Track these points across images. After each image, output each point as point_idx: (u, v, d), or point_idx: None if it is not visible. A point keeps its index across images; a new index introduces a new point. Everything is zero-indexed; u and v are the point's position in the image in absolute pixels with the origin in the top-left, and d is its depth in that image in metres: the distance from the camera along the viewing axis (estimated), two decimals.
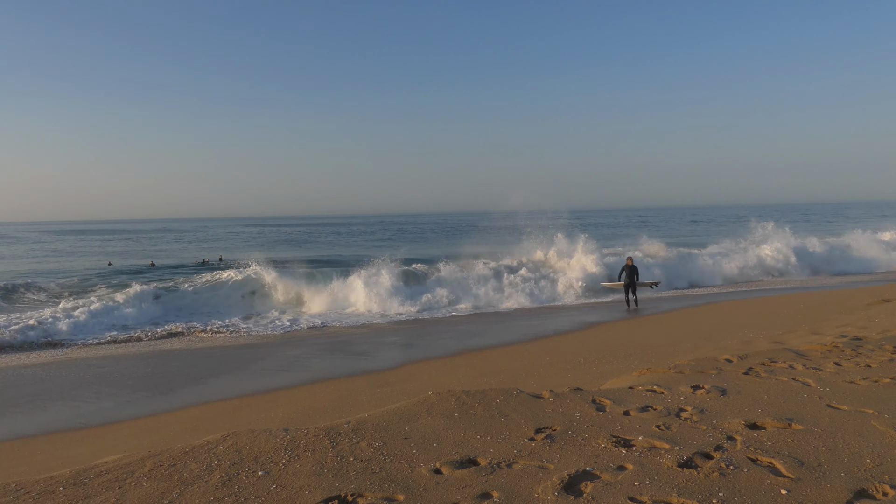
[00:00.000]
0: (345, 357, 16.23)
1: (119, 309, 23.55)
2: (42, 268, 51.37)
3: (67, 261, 58.89)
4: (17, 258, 63.18)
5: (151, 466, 5.55)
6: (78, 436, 10.38)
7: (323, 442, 5.83)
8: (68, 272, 46.95)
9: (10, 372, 16.20)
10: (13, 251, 74.31)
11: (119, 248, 75.88)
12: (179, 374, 14.87)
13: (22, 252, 72.34)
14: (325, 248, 70.10)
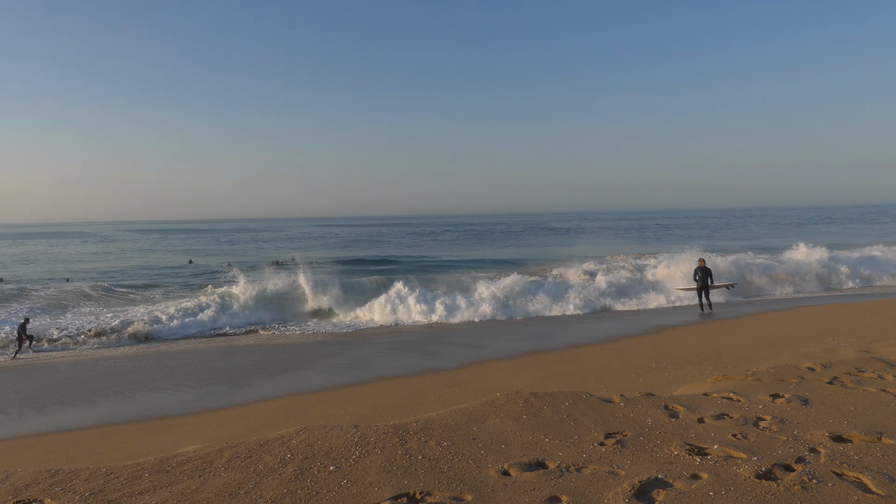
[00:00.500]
0: (413, 356, 16.40)
1: (202, 309, 24.55)
2: (131, 264, 54.21)
3: (154, 257, 61.97)
4: (111, 255, 66.91)
5: (229, 457, 5.77)
6: (161, 425, 10.87)
7: (392, 440, 5.91)
8: (154, 268, 49.40)
9: (100, 363, 17.17)
10: (108, 248, 78.86)
11: (199, 247, 79.24)
12: (254, 370, 15.38)
13: (115, 250, 76.66)
14: (406, 249, 70.92)
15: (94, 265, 53.99)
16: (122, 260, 60.28)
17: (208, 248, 77.09)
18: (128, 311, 24.98)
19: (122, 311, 25.30)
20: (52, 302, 27.13)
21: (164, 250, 73.69)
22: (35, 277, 42.82)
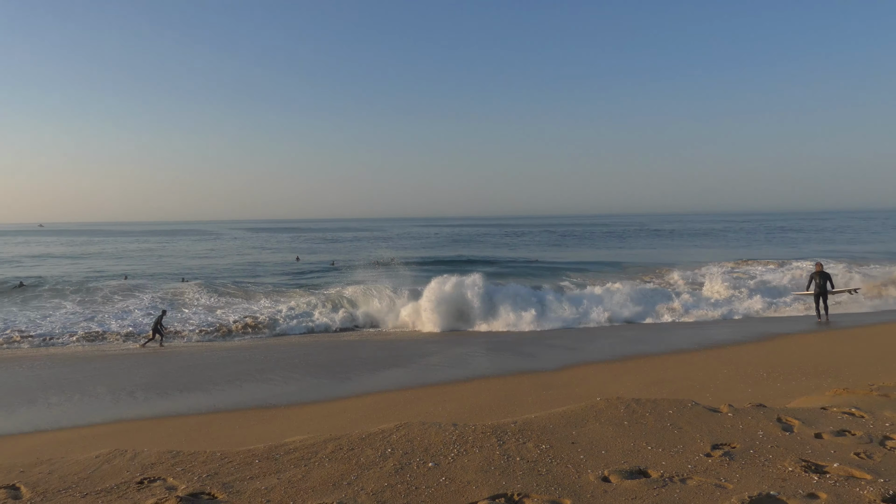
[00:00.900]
0: (510, 357, 16.37)
1: (311, 306, 25.62)
2: (243, 261, 57.28)
3: (264, 255, 65.20)
4: (224, 253, 70.98)
5: (332, 449, 5.98)
6: (269, 414, 11.42)
7: (490, 440, 5.93)
8: (264, 264, 51.93)
9: (214, 354, 18.26)
10: (221, 246, 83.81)
11: (306, 245, 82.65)
12: (356, 365, 15.85)
13: (227, 247, 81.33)
14: (505, 250, 71.05)
15: (209, 262, 57.43)
16: (235, 257, 63.84)
17: (314, 247, 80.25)
18: (240, 306, 26.40)
19: (235, 305, 26.76)
20: (171, 297, 29.07)
21: (272, 248, 77.38)
22: (156, 272, 46.09)
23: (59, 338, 20.92)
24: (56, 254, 71.03)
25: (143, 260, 61.24)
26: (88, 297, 29.25)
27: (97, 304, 27.46)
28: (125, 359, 17.57)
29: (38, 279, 39.60)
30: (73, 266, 54.92)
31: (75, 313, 25.44)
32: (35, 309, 26.88)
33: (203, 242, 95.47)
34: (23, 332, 21.61)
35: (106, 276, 43.57)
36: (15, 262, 59.11)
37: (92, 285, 34.02)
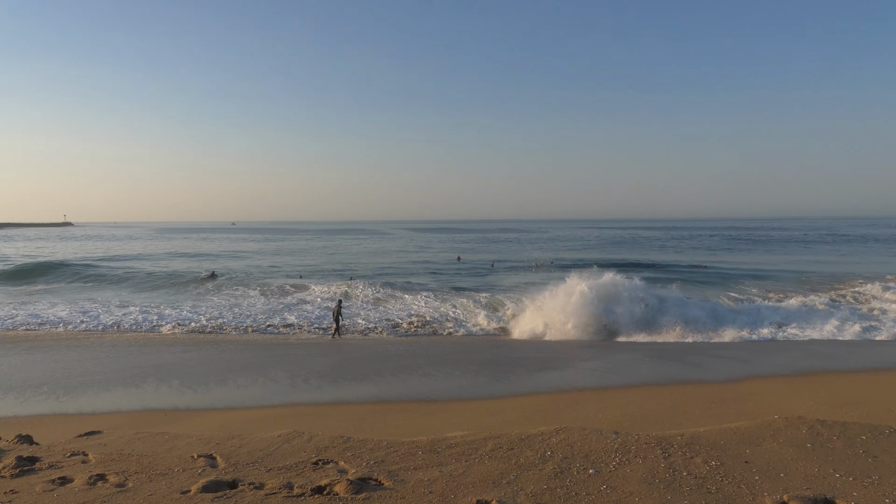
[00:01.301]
0: (673, 366, 15.61)
1: (471, 309, 26.13)
2: (407, 259, 59.79)
3: (427, 254, 67.58)
4: (389, 252, 74.54)
5: (492, 447, 6.07)
6: (430, 408, 11.80)
7: (654, 451, 5.70)
8: (427, 263, 53.82)
9: (381, 348, 19.22)
10: (389, 246, 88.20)
11: (468, 246, 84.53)
12: (514, 365, 15.92)
13: (396, 247, 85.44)
14: (672, 254, 68.12)
15: (376, 260, 60.49)
16: (400, 255, 66.78)
17: (475, 247, 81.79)
18: (403, 303, 27.53)
19: (399, 303, 27.94)
20: (340, 293, 30.98)
21: (436, 248, 79.88)
22: (328, 270, 49.35)
23: (243, 325, 23.07)
24: (245, 249, 78.50)
25: (317, 256, 65.94)
26: (269, 289, 31.96)
27: (276, 296, 29.96)
28: (301, 348, 19.01)
29: (227, 270, 44.08)
30: (258, 260, 60.37)
31: (256, 304, 27.96)
32: (226, 297, 29.92)
33: (371, 241, 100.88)
34: (215, 318, 24.11)
35: (284, 271, 47.48)
36: (210, 255, 66.15)
37: (271, 280, 37.23)
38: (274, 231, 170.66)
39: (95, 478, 5.90)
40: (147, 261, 59.00)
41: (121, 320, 23.81)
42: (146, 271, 45.47)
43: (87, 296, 32.19)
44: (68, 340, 20.17)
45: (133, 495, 5.46)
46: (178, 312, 25.66)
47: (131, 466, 6.22)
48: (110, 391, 13.16)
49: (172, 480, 5.79)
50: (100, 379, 14.18)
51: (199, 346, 19.10)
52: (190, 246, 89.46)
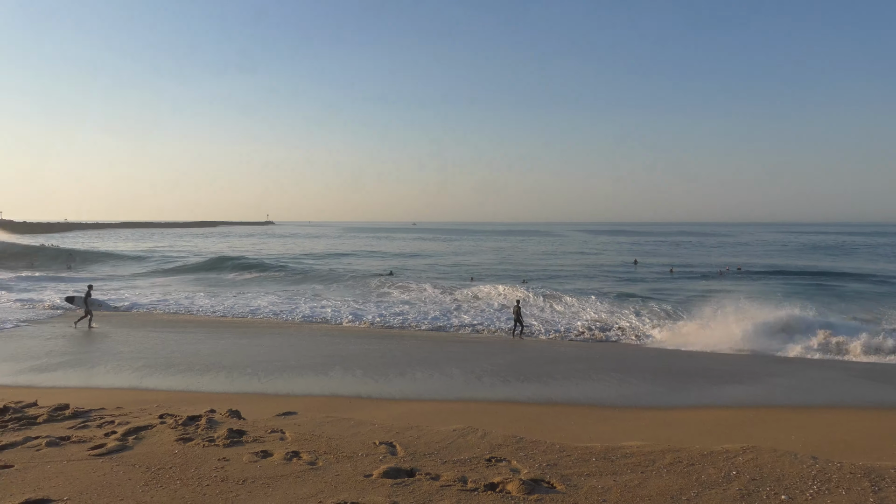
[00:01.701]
0: (880, 387, 13.86)
1: (644, 316, 25.15)
2: (583, 262, 58.93)
3: (604, 257, 66.14)
4: (567, 255, 73.87)
5: (671, 461, 5.79)
6: (603, 414, 11.53)
7: (861, 483, 5.11)
8: (602, 266, 52.62)
9: (552, 349, 19.14)
10: (564, 248, 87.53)
11: (647, 249, 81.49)
12: (692, 375, 15.07)
13: (572, 249, 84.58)
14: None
15: (549, 262, 60.21)
16: (576, 257, 65.96)
17: (654, 250, 78.60)
18: (575, 308, 27.14)
19: (570, 307, 27.59)
20: (514, 295, 31.22)
21: (612, 251, 77.88)
22: (501, 272, 49.93)
23: (420, 322, 24.07)
24: (423, 250, 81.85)
25: (491, 257, 67.08)
26: (444, 289, 33.03)
27: (450, 296, 30.90)
28: (474, 346, 19.45)
29: (406, 269, 46.25)
30: (435, 260, 62.69)
31: (432, 303, 29.04)
32: (403, 295, 31.44)
33: (545, 243, 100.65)
34: (394, 314, 25.42)
35: (458, 271, 48.84)
36: (390, 255, 69.84)
37: (446, 280, 38.47)
38: (452, 231, 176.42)
39: (291, 454, 6.48)
40: (334, 258, 63.69)
41: (312, 312, 25.93)
42: (333, 268, 49.09)
43: (283, 288, 35.46)
44: (268, 328, 22.34)
45: (322, 474, 5.93)
46: (360, 307, 27.43)
47: (321, 447, 6.76)
48: (303, 376, 14.38)
49: (357, 464, 6.20)
50: (294, 364, 15.53)
51: (380, 339, 20.24)
52: (373, 245, 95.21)
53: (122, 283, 37.49)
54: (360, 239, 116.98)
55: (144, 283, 37.96)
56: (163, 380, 13.70)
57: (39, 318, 23.71)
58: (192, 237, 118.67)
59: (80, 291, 25.26)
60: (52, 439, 7.02)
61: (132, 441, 7.01)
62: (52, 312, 25.58)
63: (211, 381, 13.70)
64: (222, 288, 36.27)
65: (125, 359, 15.94)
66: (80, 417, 8.11)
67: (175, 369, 14.71)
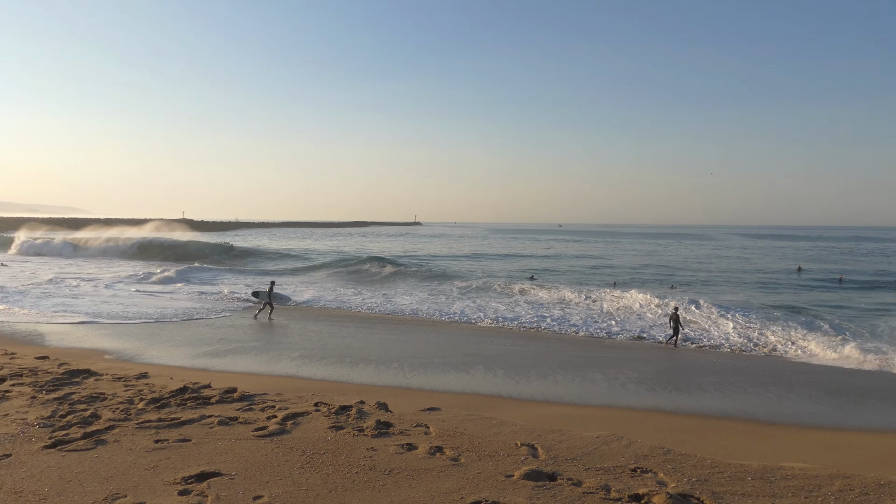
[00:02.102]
0: None
1: (811, 332, 23.15)
2: (738, 267, 55.43)
3: (765, 262, 61.81)
4: (721, 260, 70.01)
5: (840, 487, 5.30)
6: (759, 431, 10.74)
7: None
8: (763, 272, 49.17)
9: (702, 359, 18.16)
10: (719, 253, 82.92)
11: (813, 254, 75.17)
12: (866, 395, 13.65)
13: (727, 254, 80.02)
14: None
15: (701, 267, 57.13)
16: (731, 262, 62.14)
17: (821, 255, 72.27)
18: (729, 315, 25.51)
19: (723, 314, 25.98)
20: (664, 303, 29.94)
21: (771, 256, 72.50)
22: (648, 276, 48.08)
23: (563, 325, 23.74)
24: (567, 253, 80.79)
25: (637, 260, 64.78)
26: (587, 293, 32.33)
27: (593, 300, 30.18)
28: (618, 352, 18.89)
29: (548, 272, 45.81)
30: (579, 262, 61.63)
31: (574, 306, 28.55)
32: (546, 298, 31.18)
33: (698, 247, 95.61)
34: (537, 316, 25.28)
35: (601, 275, 47.68)
36: (534, 256, 69.59)
37: (588, 284, 37.63)
38: (599, 234, 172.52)
39: (435, 449, 6.66)
40: (477, 260, 64.50)
41: (453, 311, 26.45)
42: (476, 269, 49.71)
43: (427, 286, 36.45)
44: (413, 325, 23.08)
45: (464, 470, 6.04)
46: (501, 308, 27.59)
47: (464, 444, 6.89)
48: (445, 373, 14.70)
49: (498, 463, 6.25)
50: (437, 362, 15.92)
51: (521, 341, 20.23)
52: (517, 247, 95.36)
53: (284, 279, 40.35)
54: (504, 240, 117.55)
55: (301, 280, 40.63)
56: (317, 370, 14.59)
57: (229, 309, 26.11)
58: (345, 237, 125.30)
59: (265, 285, 27.48)
60: (222, 419, 7.73)
61: (290, 425, 7.54)
62: (238, 305, 28.05)
63: (360, 373, 14.38)
64: (371, 285, 38.01)
65: (284, 349, 17.15)
66: (246, 401, 8.85)
67: (328, 360, 15.61)
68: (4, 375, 10.02)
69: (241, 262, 53.52)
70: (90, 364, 11.67)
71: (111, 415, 7.78)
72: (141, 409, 8.16)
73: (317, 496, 5.45)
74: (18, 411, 7.94)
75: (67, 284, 33.52)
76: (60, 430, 7.17)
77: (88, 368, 10.89)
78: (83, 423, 7.41)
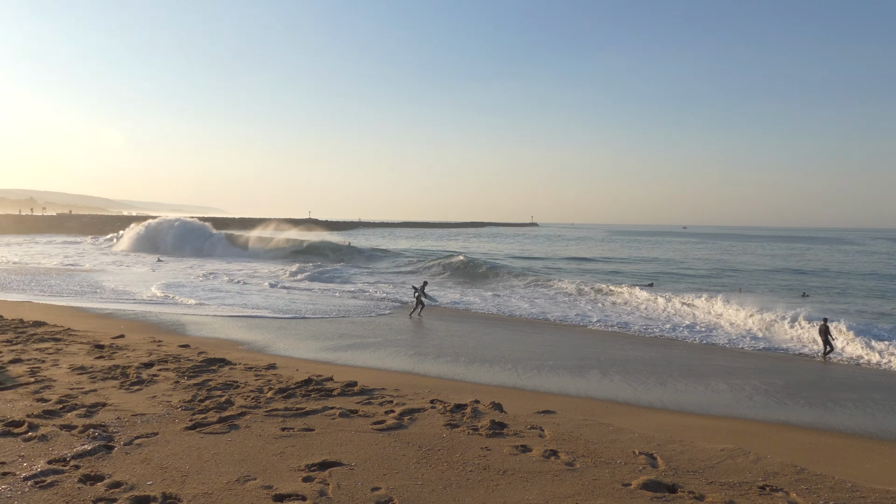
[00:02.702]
0: None
1: None
2: (884, 272, 50.96)
3: None
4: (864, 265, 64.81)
5: None
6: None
7: None
8: None
9: (842, 373, 16.84)
10: (859, 259, 76.70)
11: None
12: None
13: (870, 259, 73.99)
14: None
15: (843, 272, 52.94)
16: (874, 266, 57.17)
17: None
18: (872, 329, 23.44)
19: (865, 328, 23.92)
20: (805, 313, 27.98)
21: None
22: (779, 283, 45.12)
23: (685, 333, 22.74)
24: (690, 257, 77.48)
25: (768, 262, 60.95)
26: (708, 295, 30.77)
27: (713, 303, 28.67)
28: (744, 360, 17.86)
29: (670, 277, 43.96)
30: (701, 266, 58.88)
31: (697, 313, 27.24)
32: (664, 298, 29.98)
33: (835, 252, 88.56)
34: (659, 322, 24.39)
35: (725, 279, 45.30)
36: (655, 260, 67.23)
37: (711, 289, 35.84)
38: (725, 236, 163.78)
39: (549, 452, 6.60)
40: (594, 262, 63.16)
41: (568, 314, 26.09)
42: (592, 270, 48.66)
43: (542, 288, 36.13)
44: (527, 326, 22.98)
45: (580, 476, 5.94)
46: (616, 313, 26.86)
47: (579, 449, 6.77)
48: (559, 375, 14.51)
49: (615, 471, 6.10)
50: (552, 364, 15.74)
51: (638, 346, 19.61)
52: (637, 249, 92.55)
53: (403, 280, 41.42)
54: (624, 243, 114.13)
55: (418, 280, 41.56)
56: (433, 367, 14.85)
57: (377, 309, 27.25)
58: (464, 238, 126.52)
59: (407, 285, 28.39)
60: (343, 411, 8.05)
61: (407, 421, 7.73)
62: (387, 305, 29.19)
63: (475, 372, 14.49)
64: (483, 285, 38.23)
65: (402, 346, 17.60)
66: (366, 395, 9.18)
67: (444, 359, 15.85)
68: (153, 361, 10.97)
69: (369, 261, 55.28)
70: (225, 353, 12.53)
71: (243, 402, 8.31)
72: (269, 398, 8.66)
73: (431, 491, 5.56)
74: (164, 394, 8.67)
75: (216, 279, 36.43)
76: (199, 413, 7.76)
77: (224, 358, 11.69)
78: (219, 409, 7.98)
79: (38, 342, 12.38)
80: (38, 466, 5.80)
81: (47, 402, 7.90)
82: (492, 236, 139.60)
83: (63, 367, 10.18)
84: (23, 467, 5.77)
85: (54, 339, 12.78)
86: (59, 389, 8.64)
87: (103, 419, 7.31)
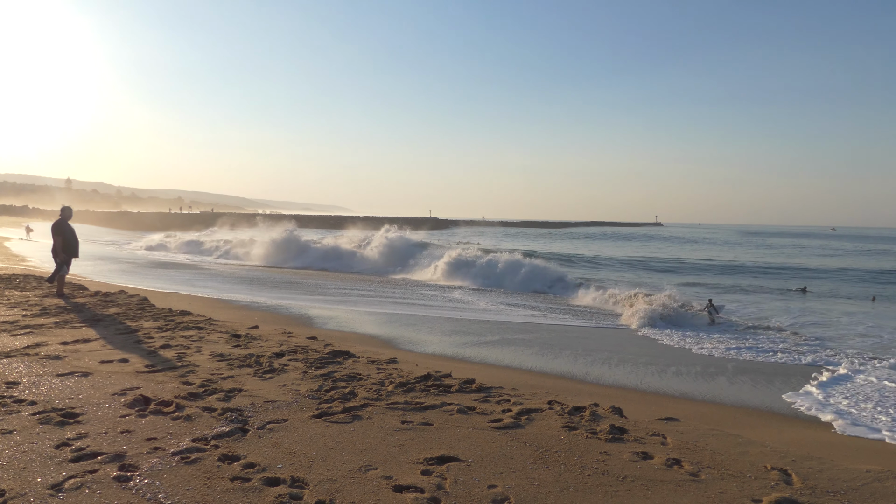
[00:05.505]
0: None
1: None
2: None
3: None
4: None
5: None
6: None
7: None
8: None
9: None
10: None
11: None
12: None
13: None
14: None
15: None
16: None
17: None
18: None
19: None
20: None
21: None
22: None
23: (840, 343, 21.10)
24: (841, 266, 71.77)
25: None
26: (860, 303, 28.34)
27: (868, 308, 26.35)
28: None
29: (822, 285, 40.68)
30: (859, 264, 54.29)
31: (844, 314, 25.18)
32: (817, 302, 27.92)
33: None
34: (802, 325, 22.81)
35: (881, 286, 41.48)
36: (804, 270, 62.83)
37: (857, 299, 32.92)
38: (885, 239, 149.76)
39: (672, 461, 6.36)
40: (727, 268, 59.91)
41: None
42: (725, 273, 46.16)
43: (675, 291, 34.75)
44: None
45: (705, 488, 5.68)
46: (753, 316, 25.35)
47: (704, 459, 6.47)
48: (682, 381, 13.90)
49: (743, 485, 5.78)
50: (674, 370, 15.11)
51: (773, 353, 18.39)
52: (777, 253, 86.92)
53: None
54: (761, 246, 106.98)
55: None
56: (551, 366, 14.70)
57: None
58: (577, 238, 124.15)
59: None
60: (461, 407, 8.16)
61: (524, 420, 7.71)
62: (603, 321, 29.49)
63: (594, 374, 14.20)
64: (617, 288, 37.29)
65: (519, 345, 17.54)
66: (483, 392, 9.24)
67: (562, 359, 15.65)
68: (284, 351, 11.63)
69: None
70: (349, 346, 13.04)
71: (365, 393, 8.63)
72: (390, 391, 8.93)
73: (548, 493, 5.51)
74: (294, 383, 9.17)
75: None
76: (325, 402, 8.14)
77: (348, 350, 12.18)
78: (343, 399, 8.33)
79: (183, 329, 13.47)
80: (184, 444, 6.33)
81: (191, 386, 8.59)
82: (616, 237, 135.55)
83: (205, 353, 11.02)
84: (171, 444, 6.33)
85: (197, 328, 13.84)
86: (202, 374, 9.37)
87: (239, 404, 7.85)
